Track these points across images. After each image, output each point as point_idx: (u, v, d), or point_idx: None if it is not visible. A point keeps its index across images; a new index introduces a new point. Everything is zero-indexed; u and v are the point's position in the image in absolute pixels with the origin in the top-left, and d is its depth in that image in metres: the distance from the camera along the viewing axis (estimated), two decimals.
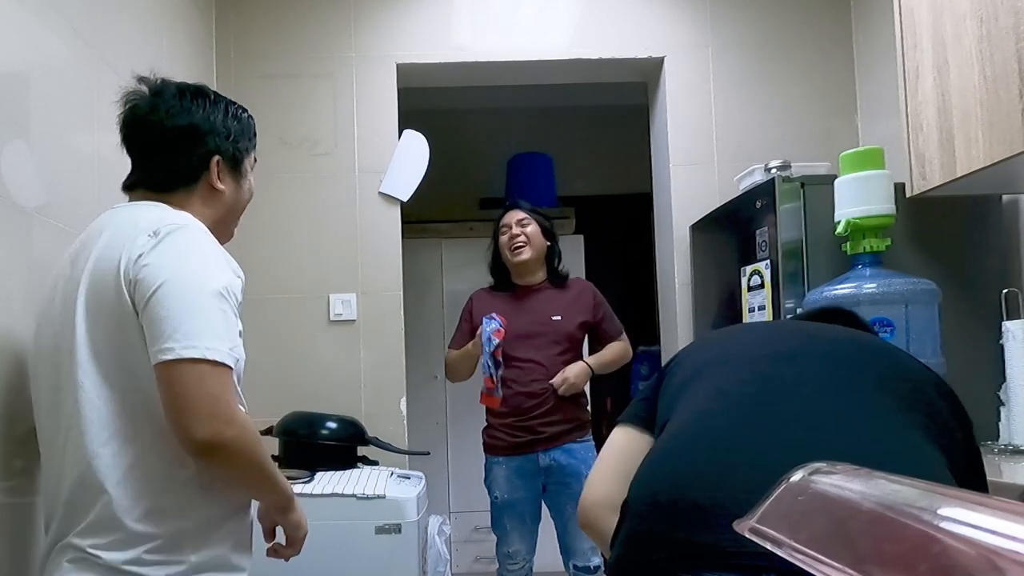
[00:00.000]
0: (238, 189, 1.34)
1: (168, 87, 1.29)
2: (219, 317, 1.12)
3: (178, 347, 1.07)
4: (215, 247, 1.19)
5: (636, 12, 2.95)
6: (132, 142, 1.29)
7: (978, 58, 1.71)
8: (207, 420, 1.07)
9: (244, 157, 1.35)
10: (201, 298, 1.11)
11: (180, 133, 1.26)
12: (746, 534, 0.58)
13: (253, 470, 1.16)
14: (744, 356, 1.08)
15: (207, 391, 1.07)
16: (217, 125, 1.29)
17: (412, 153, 2.91)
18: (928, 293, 1.95)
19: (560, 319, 2.56)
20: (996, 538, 0.43)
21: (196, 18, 2.64)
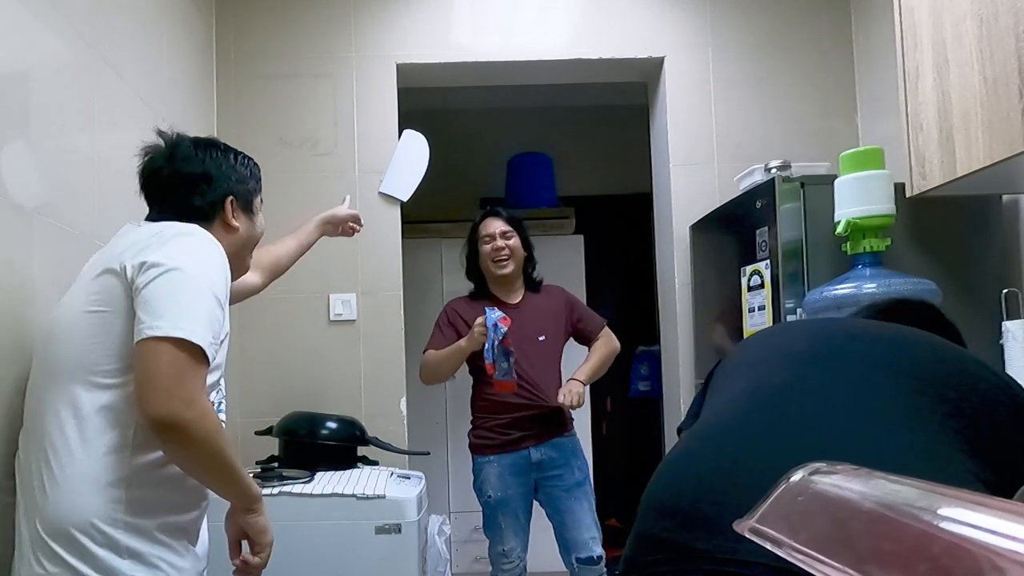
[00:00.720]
0: (251, 226, 1.49)
1: (183, 140, 1.42)
2: (209, 310, 1.19)
3: (166, 325, 1.13)
4: (219, 257, 1.27)
5: (636, 12, 2.95)
6: (151, 189, 1.40)
7: (978, 58, 1.71)
8: (168, 396, 1.11)
9: (253, 197, 1.50)
10: (196, 289, 1.19)
11: (196, 178, 1.39)
12: (746, 534, 0.58)
13: (208, 456, 1.18)
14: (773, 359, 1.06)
15: (177, 369, 1.13)
16: (228, 170, 1.43)
17: (412, 153, 2.91)
18: (928, 293, 1.95)
19: (545, 339, 2.57)
20: (996, 538, 0.43)
21: (196, 18, 2.64)
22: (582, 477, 2.59)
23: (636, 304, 4.63)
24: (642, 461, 4.48)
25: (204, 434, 1.14)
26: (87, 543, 1.14)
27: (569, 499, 2.56)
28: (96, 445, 1.18)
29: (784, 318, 2.18)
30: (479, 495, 2.61)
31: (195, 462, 1.20)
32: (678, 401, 2.93)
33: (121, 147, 1.89)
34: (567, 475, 2.53)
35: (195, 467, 1.21)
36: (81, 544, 1.14)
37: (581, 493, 2.57)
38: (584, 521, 2.55)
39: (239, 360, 2.78)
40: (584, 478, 2.60)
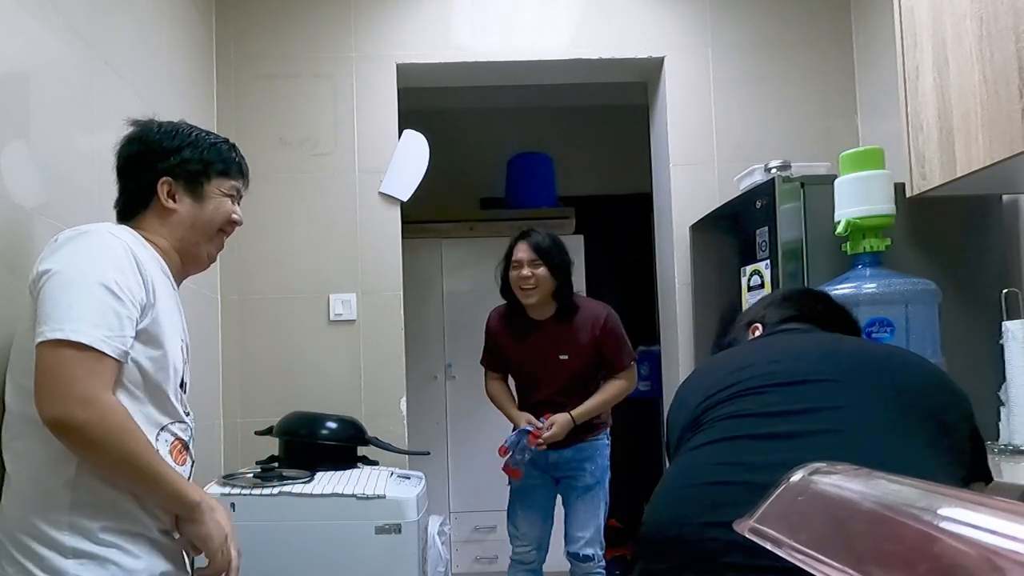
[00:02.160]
0: (197, 209, 1.39)
1: (140, 124, 1.40)
2: (97, 305, 1.15)
3: (47, 330, 1.12)
4: (114, 250, 1.21)
5: (636, 12, 2.95)
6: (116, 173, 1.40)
7: (978, 58, 1.71)
8: (59, 399, 1.10)
9: (206, 180, 1.40)
10: (80, 287, 1.15)
11: (131, 160, 1.37)
12: (746, 534, 0.58)
13: (115, 458, 1.14)
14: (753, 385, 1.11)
15: (65, 371, 1.10)
16: (168, 148, 1.37)
17: (412, 153, 2.91)
18: (928, 293, 1.95)
19: (567, 358, 2.58)
20: (996, 538, 0.43)
21: (196, 18, 2.64)
22: (592, 482, 2.67)
23: (636, 304, 4.63)
24: (642, 461, 4.47)
25: (103, 434, 1.11)
26: (32, 544, 1.15)
27: (575, 499, 2.68)
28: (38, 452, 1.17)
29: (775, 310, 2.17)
30: None
31: (104, 465, 1.15)
32: None
33: None
34: (580, 478, 2.66)
35: (106, 470, 1.16)
36: (27, 545, 1.15)
37: (589, 496, 2.67)
38: (583, 521, 2.66)
39: (239, 360, 2.78)
40: (595, 483, 2.68)
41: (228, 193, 1.43)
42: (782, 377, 1.10)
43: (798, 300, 1.41)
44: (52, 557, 1.14)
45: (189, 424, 1.36)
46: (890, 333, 1.91)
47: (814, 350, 1.21)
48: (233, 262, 2.76)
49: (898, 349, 1.24)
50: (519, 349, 2.65)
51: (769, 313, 1.39)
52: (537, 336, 2.61)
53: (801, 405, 1.03)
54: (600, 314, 2.61)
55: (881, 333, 1.90)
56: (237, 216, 1.45)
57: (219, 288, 2.78)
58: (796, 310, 1.37)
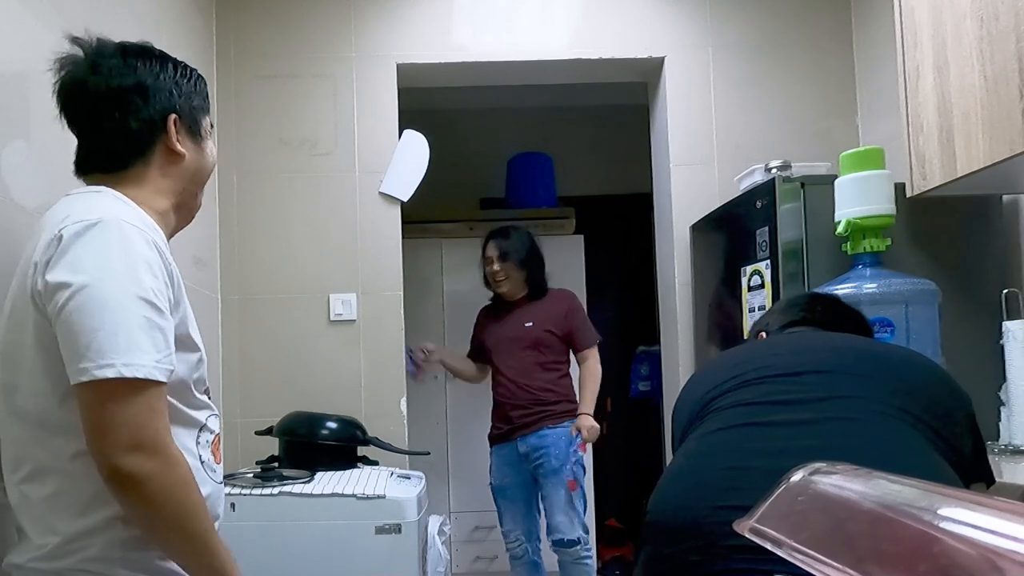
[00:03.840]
0: (200, 153, 1.21)
1: (107, 46, 1.15)
2: (143, 326, 0.97)
3: (92, 366, 0.93)
4: (140, 247, 1.01)
5: (636, 12, 2.95)
6: (74, 113, 1.14)
7: (978, 58, 1.71)
8: (122, 448, 0.94)
9: (200, 117, 1.21)
10: (119, 306, 0.96)
11: (127, 93, 1.12)
12: (746, 534, 0.58)
13: (171, 513, 0.98)
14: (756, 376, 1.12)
15: (125, 415, 0.94)
16: (167, 82, 1.15)
17: (412, 153, 2.91)
18: (928, 293, 1.95)
19: (531, 325, 2.92)
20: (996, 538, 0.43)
21: (196, 18, 2.64)
22: (558, 465, 2.81)
23: (636, 304, 4.63)
24: (642, 461, 4.48)
25: (168, 486, 0.96)
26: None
27: (548, 485, 2.83)
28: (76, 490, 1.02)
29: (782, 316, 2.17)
30: None
31: (157, 520, 0.98)
32: None
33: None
34: (547, 463, 2.81)
35: (158, 527, 0.99)
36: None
37: (557, 480, 2.81)
38: (559, 506, 2.80)
39: (239, 360, 2.78)
40: (560, 466, 2.81)
41: (211, 134, 1.25)
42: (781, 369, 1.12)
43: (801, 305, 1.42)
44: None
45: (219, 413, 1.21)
46: (890, 333, 1.91)
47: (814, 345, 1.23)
48: (233, 262, 2.77)
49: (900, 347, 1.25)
50: (494, 327, 3.00)
51: (773, 320, 1.42)
52: (509, 314, 2.99)
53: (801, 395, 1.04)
54: (568, 295, 3.03)
55: (881, 333, 1.90)
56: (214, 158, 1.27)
57: (219, 288, 2.78)
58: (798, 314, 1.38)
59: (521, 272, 2.95)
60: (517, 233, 3.01)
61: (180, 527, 0.99)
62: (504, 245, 2.95)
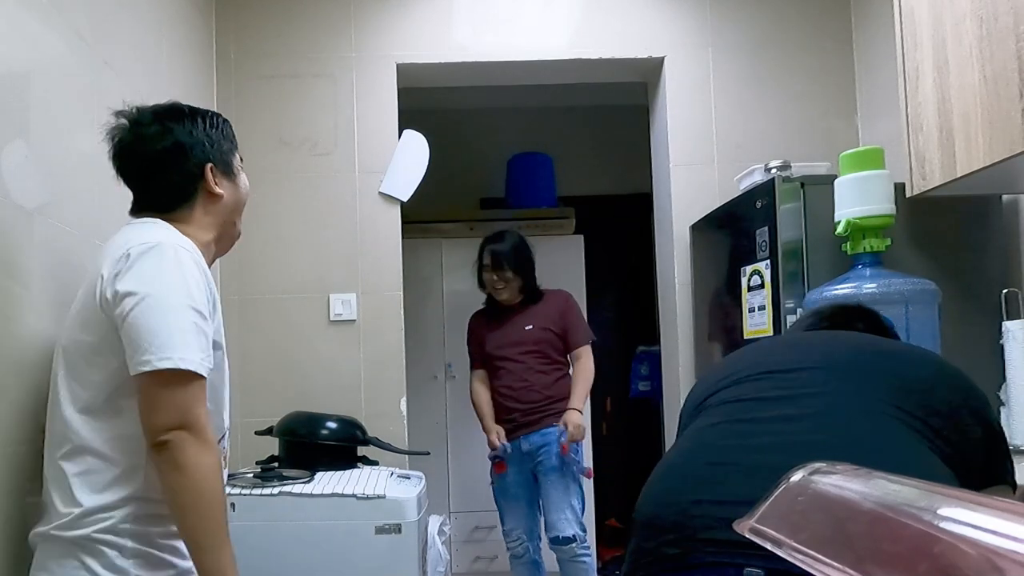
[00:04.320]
0: (235, 189, 1.42)
1: (144, 114, 1.36)
2: (193, 330, 1.20)
3: (154, 359, 1.15)
4: (189, 265, 1.24)
5: (636, 12, 2.95)
6: (126, 173, 1.37)
7: (978, 58, 1.71)
8: (171, 427, 1.15)
9: (231, 158, 1.43)
10: (176, 311, 1.19)
11: (168, 153, 1.34)
12: (746, 534, 0.58)
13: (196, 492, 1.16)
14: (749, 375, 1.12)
15: (176, 397, 1.16)
16: (199, 136, 1.37)
17: (412, 153, 2.91)
18: (928, 293, 1.95)
19: (531, 328, 2.94)
20: (996, 538, 0.43)
21: (196, 18, 2.64)
22: (558, 463, 2.82)
23: (636, 304, 4.63)
24: (642, 461, 4.47)
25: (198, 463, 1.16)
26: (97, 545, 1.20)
27: (547, 483, 2.84)
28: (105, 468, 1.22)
29: (784, 318, 2.18)
30: None
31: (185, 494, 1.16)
32: (678, 401, 2.93)
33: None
34: (546, 461, 2.82)
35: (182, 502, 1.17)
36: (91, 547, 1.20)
37: (556, 477, 2.83)
38: (558, 503, 2.81)
39: (239, 360, 2.78)
40: (560, 464, 2.82)
41: (241, 166, 1.47)
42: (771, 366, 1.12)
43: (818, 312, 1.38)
44: (112, 555, 1.19)
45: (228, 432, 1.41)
46: None
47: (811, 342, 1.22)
48: (233, 262, 2.76)
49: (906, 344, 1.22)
50: (494, 334, 2.98)
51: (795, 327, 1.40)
52: (507, 319, 2.99)
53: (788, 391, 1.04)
54: (563, 295, 3.05)
55: None
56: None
57: (219, 288, 2.78)
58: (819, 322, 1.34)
59: (517, 279, 2.97)
60: (511, 237, 3.01)
61: (200, 505, 1.17)
62: (500, 252, 2.95)
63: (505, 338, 2.96)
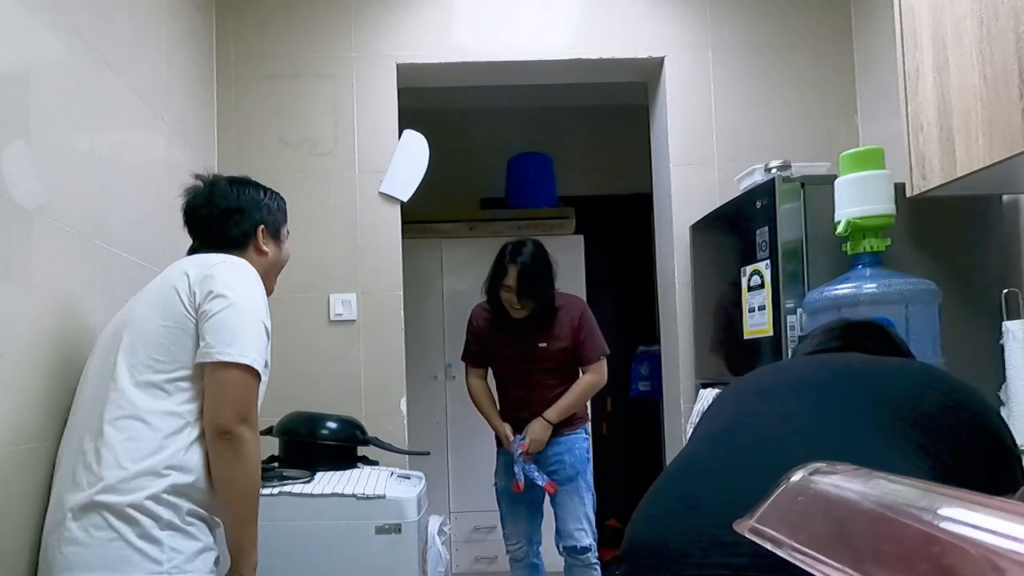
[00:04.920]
0: (278, 251, 1.69)
1: (219, 179, 1.66)
2: (261, 336, 1.43)
3: (235, 352, 1.37)
4: (260, 284, 1.51)
5: (636, 12, 2.95)
6: (193, 223, 1.63)
7: (978, 58, 1.71)
8: (235, 415, 1.36)
9: (280, 226, 1.70)
10: (255, 319, 1.43)
11: (232, 212, 1.60)
12: (746, 534, 0.58)
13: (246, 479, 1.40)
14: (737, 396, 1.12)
15: (244, 392, 1.39)
16: (259, 203, 1.65)
17: (412, 153, 2.91)
18: (928, 293, 1.95)
19: (545, 346, 2.71)
20: (996, 538, 0.43)
21: (196, 18, 2.64)
22: (573, 473, 2.73)
23: (636, 304, 4.63)
24: (642, 461, 4.47)
25: (251, 453, 1.39)
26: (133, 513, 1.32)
27: (561, 492, 2.73)
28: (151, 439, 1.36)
29: (784, 318, 2.18)
30: None
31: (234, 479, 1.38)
32: (678, 401, 2.93)
33: (121, 147, 1.90)
34: (560, 470, 2.72)
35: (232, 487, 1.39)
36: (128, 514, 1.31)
37: (572, 488, 2.73)
38: (573, 513, 2.72)
39: None
40: (576, 474, 2.74)
41: (287, 238, 1.74)
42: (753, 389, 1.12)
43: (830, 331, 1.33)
44: (148, 525, 1.32)
45: None
46: None
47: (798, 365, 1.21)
48: None
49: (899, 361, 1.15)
50: (502, 344, 2.76)
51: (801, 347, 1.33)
52: (518, 330, 2.73)
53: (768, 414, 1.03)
54: (578, 307, 2.78)
55: None
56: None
57: None
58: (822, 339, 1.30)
59: (532, 305, 2.69)
60: (539, 255, 2.71)
61: (252, 490, 1.42)
62: (526, 275, 2.65)
63: (514, 351, 2.74)
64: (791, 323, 2.17)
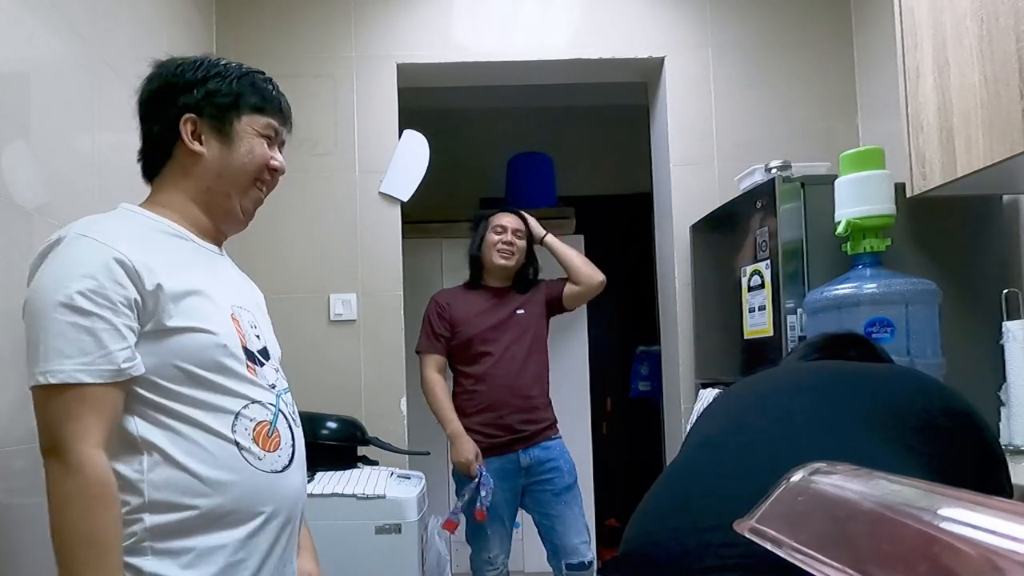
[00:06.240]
0: (227, 151, 1.19)
1: (169, 59, 1.22)
2: (61, 332, 1.01)
3: (28, 374, 1.02)
4: (80, 252, 1.05)
5: (636, 12, 2.95)
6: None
7: (978, 58, 1.71)
8: (45, 450, 1.01)
9: (235, 115, 1.20)
10: (44, 315, 1.02)
11: (152, 98, 1.19)
12: (746, 534, 0.58)
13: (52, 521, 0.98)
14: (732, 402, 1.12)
15: (49, 418, 1.00)
16: (190, 80, 1.18)
17: (412, 153, 2.91)
18: (928, 293, 1.95)
19: (523, 312, 2.68)
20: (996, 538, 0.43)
21: (196, 18, 2.64)
22: (572, 480, 2.60)
23: (636, 304, 4.63)
24: (642, 461, 4.48)
25: (58, 492, 0.97)
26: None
27: (559, 503, 2.56)
28: None
29: (784, 318, 2.18)
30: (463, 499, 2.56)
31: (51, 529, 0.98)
32: (678, 401, 2.93)
33: (121, 147, 1.89)
34: (558, 479, 2.56)
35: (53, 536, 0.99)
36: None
37: (571, 497, 2.58)
38: (575, 526, 2.55)
39: None
40: (574, 481, 2.61)
41: (264, 133, 1.23)
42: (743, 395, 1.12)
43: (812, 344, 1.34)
44: None
45: (274, 400, 1.19)
46: (890, 333, 1.91)
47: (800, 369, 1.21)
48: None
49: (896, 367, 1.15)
50: (476, 315, 2.65)
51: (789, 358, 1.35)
52: (494, 301, 2.70)
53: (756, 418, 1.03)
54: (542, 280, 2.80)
55: (881, 333, 1.90)
56: (277, 162, 1.24)
57: None
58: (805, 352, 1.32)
59: (522, 260, 2.73)
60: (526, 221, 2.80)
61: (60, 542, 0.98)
62: (522, 223, 2.74)
63: (490, 319, 2.62)
64: (791, 323, 2.17)
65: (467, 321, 2.65)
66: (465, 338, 2.64)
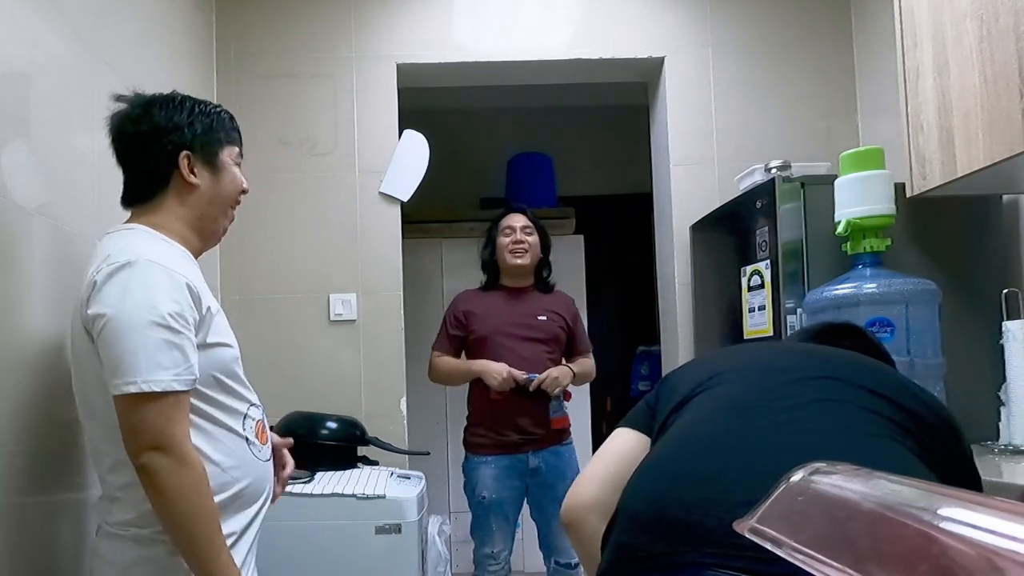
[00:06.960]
0: (216, 181, 1.38)
1: (138, 99, 1.37)
2: (158, 347, 1.18)
3: (120, 383, 1.16)
4: (157, 278, 1.22)
5: (636, 12, 2.95)
6: (117, 156, 1.37)
7: (978, 58, 1.71)
8: (144, 448, 1.16)
9: (219, 149, 1.38)
10: (139, 331, 1.17)
11: (145, 136, 1.33)
12: (746, 534, 0.58)
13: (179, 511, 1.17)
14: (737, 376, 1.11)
15: (146, 422, 1.16)
16: (180, 122, 1.34)
17: (412, 153, 2.91)
18: (928, 293, 1.95)
19: (545, 319, 2.65)
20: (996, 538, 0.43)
21: (196, 18, 2.64)
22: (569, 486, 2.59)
23: (636, 304, 4.63)
24: None
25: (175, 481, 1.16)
26: None
27: (557, 506, 2.53)
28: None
29: (784, 318, 2.18)
30: (470, 495, 2.65)
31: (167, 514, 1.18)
32: None
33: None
34: (559, 486, 2.54)
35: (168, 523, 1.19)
36: None
37: None
38: None
39: None
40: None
41: (236, 161, 1.42)
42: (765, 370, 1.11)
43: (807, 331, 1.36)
44: None
45: (258, 401, 1.44)
46: (890, 333, 1.91)
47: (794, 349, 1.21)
48: (233, 262, 2.76)
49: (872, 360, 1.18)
50: (493, 316, 2.63)
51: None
52: (513, 302, 2.67)
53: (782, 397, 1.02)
54: (570, 299, 2.79)
55: (881, 333, 1.90)
56: (246, 185, 1.44)
57: (219, 288, 2.78)
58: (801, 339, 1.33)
59: (539, 255, 2.70)
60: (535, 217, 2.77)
61: (184, 524, 1.18)
62: (531, 219, 2.70)
63: (508, 320, 2.61)
64: (791, 323, 2.17)
65: (484, 320, 2.65)
66: (480, 335, 2.63)
